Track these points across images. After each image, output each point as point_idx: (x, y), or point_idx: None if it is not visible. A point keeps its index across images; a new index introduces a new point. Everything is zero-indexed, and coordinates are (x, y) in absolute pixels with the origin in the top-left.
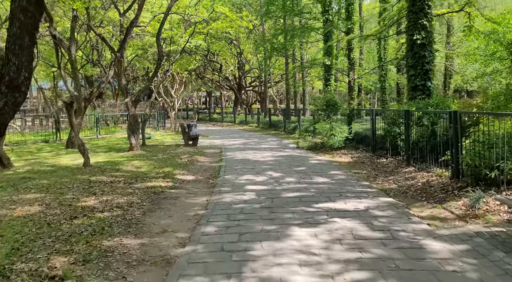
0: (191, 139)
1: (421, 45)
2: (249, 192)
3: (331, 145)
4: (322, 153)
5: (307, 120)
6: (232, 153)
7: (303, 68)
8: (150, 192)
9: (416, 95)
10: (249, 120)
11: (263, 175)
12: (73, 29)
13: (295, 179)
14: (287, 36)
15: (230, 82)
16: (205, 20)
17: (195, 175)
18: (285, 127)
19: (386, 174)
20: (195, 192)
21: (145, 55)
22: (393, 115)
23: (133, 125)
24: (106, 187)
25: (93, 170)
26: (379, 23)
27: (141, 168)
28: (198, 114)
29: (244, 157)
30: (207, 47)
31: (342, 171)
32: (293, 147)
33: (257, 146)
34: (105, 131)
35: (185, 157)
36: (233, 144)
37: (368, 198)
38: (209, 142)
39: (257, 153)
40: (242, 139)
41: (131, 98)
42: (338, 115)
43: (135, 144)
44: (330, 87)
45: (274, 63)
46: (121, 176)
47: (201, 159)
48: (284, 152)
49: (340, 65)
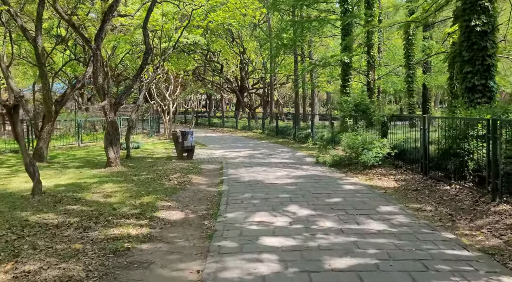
0: (185, 151)
1: (480, 34)
2: (267, 254)
3: (364, 162)
4: (352, 172)
5: (320, 127)
6: (236, 170)
7: (316, 67)
8: (109, 249)
9: (474, 98)
10: (253, 125)
11: (283, 213)
12: (40, 16)
13: (334, 223)
14: (298, 30)
15: (231, 84)
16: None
17: (185, 210)
18: (295, 135)
19: (465, 214)
20: (180, 249)
21: (137, 53)
22: (460, 125)
23: (112, 135)
24: (42, 239)
25: (43, 200)
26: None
27: (112, 197)
28: (197, 118)
29: (252, 177)
30: (207, 46)
31: (395, 206)
32: (311, 161)
33: (265, 159)
34: (90, 139)
35: (175, 176)
36: (236, 157)
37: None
38: (207, 154)
39: (268, 170)
40: (246, 150)
41: (109, 101)
42: (370, 123)
43: (114, 157)
44: (348, 89)
45: (280, 63)
46: (77, 214)
47: (196, 180)
48: (302, 170)
49: (357, 64)
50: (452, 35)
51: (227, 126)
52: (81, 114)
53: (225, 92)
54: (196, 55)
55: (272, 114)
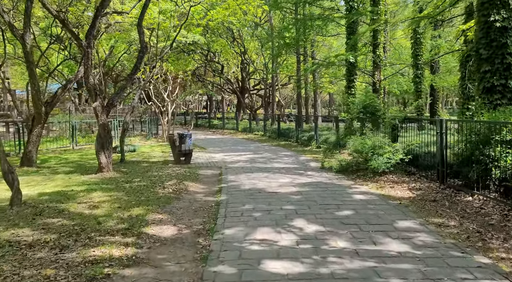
0: (182, 155)
1: (500, 30)
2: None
3: (374, 169)
4: (361, 178)
5: (323, 129)
6: (236, 176)
7: (319, 67)
8: (85, 277)
9: (493, 100)
10: (254, 127)
11: (289, 229)
12: (29, 12)
13: (347, 243)
14: (300, 29)
15: (232, 85)
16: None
17: (178, 224)
18: (298, 138)
19: (496, 232)
20: (169, 276)
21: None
22: (483, 129)
23: (103, 138)
24: (10, 263)
25: (22, 212)
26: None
27: (99, 208)
28: (197, 120)
29: (253, 184)
30: (207, 46)
31: (414, 221)
32: (316, 166)
33: (267, 164)
34: (86, 141)
35: (170, 183)
36: (236, 161)
37: None
38: (206, 158)
39: (270, 176)
40: (247, 153)
41: (101, 102)
42: (378, 126)
43: (106, 162)
44: (353, 90)
45: (282, 63)
46: (56, 229)
47: (192, 187)
48: (307, 176)
49: (361, 64)
50: (466, 32)
51: (228, 128)
52: (77, 116)
53: (226, 93)
54: (196, 55)
55: (273, 116)
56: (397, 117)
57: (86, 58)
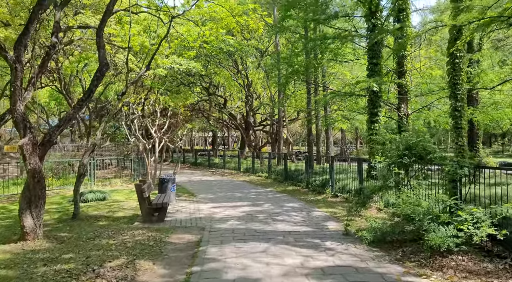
0: (154, 210)
1: None
2: None
3: (434, 246)
4: (414, 260)
5: (338, 171)
6: (220, 249)
7: (335, 97)
8: None
9: None
10: (258, 167)
11: None
12: None
13: None
14: (311, 52)
15: (236, 120)
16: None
17: None
18: (309, 182)
19: None
20: None
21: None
22: None
23: (32, 191)
24: None
25: None
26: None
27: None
28: (196, 158)
29: (242, 269)
30: (208, 78)
31: None
32: (337, 231)
33: (268, 223)
34: (61, 183)
35: (113, 265)
36: (228, 218)
37: None
38: (191, 210)
39: (270, 252)
40: (244, 204)
41: (31, 139)
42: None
43: (32, 227)
44: (377, 125)
45: (290, 96)
46: None
47: (144, 274)
48: (326, 253)
49: (384, 96)
50: None
51: (229, 167)
52: (54, 154)
53: (232, 130)
54: (197, 88)
55: (280, 155)
56: (466, 165)
57: (14, 76)
